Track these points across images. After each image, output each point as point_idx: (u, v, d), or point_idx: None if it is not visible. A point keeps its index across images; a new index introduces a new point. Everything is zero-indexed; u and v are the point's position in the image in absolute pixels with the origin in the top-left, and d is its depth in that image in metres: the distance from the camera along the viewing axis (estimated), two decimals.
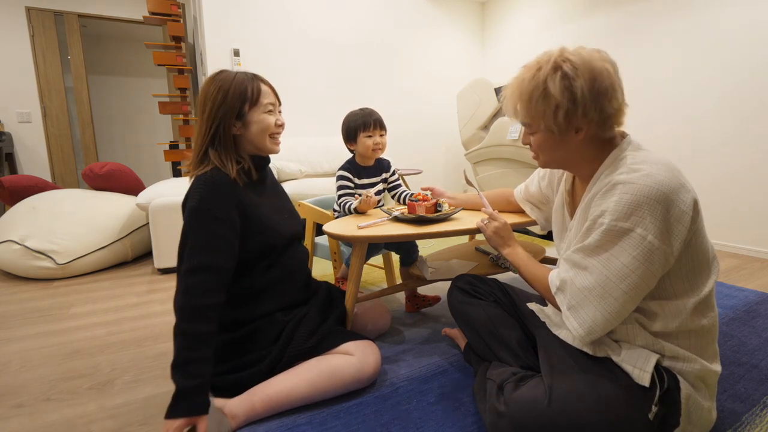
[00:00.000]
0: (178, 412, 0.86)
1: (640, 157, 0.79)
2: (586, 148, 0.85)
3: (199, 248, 0.96)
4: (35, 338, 1.52)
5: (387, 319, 1.43)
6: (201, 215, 0.97)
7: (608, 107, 0.79)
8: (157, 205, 2.18)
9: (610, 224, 0.75)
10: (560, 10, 3.52)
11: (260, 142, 1.10)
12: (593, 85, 0.78)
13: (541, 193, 1.18)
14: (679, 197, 0.73)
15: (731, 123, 2.49)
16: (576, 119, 0.80)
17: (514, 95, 0.86)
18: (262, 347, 1.07)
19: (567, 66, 0.78)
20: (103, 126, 5.27)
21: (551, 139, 0.85)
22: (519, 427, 0.81)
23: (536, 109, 0.82)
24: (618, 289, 0.75)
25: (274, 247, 1.11)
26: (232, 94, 1.04)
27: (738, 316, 1.60)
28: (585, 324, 0.79)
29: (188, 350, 0.90)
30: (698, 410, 0.80)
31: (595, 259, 0.78)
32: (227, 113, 1.04)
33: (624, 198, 0.74)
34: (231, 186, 1.03)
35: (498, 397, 0.89)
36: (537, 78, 0.81)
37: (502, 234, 1.08)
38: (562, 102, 0.78)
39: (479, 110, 3.22)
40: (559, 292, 0.85)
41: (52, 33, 3.89)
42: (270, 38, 3.29)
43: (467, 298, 1.18)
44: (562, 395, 0.80)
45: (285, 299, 1.15)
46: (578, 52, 0.81)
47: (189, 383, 0.88)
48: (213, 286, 0.96)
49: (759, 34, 2.34)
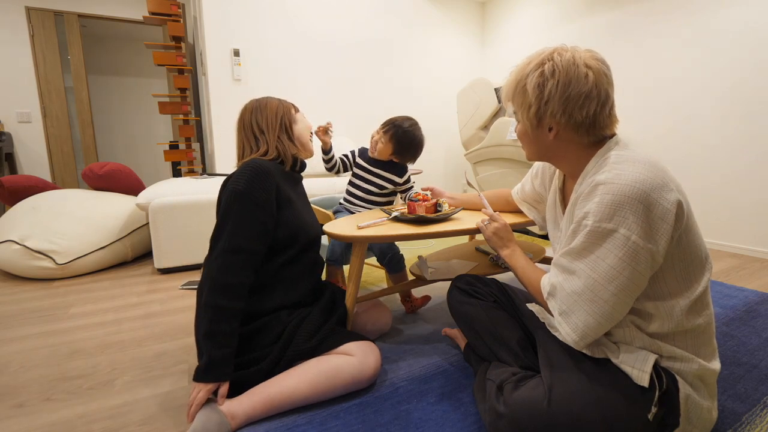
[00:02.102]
0: (208, 378, 0.95)
1: (623, 157, 0.78)
2: (564, 147, 0.86)
3: (240, 230, 1.03)
4: (35, 338, 1.52)
5: (387, 319, 1.43)
6: (244, 199, 1.04)
7: (577, 114, 0.79)
8: (157, 205, 2.18)
9: (593, 226, 0.74)
10: (560, 10, 3.52)
11: (305, 138, 1.26)
12: (565, 89, 0.78)
13: (535, 191, 1.18)
14: (662, 195, 0.72)
15: (731, 123, 2.50)
16: (545, 119, 0.82)
17: (508, 82, 0.88)
18: (263, 346, 1.07)
19: (548, 66, 0.80)
20: (103, 126, 5.27)
21: (528, 133, 0.89)
22: (518, 427, 0.81)
23: (516, 100, 0.86)
24: (607, 292, 0.75)
25: (298, 243, 1.17)
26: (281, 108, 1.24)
27: (738, 316, 1.60)
28: (578, 329, 0.78)
29: (220, 322, 0.98)
30: (697, 410, 0.80)
31: (581, 263, 0.77)
32: (287, 109, 1.24)
33: (605, 198, 0.73)
34: (274, 175, 1.11)
35: (497, 398, 0.89)
36: (524, 71, 0.84)
37: (501, 235, 1.09)
38: (533, 99, 0.81)
39: (479, 110, 3.22)
40: (550, 298, 0.85)
41: (52, 33, 3.89)
42: (270, 38, 3.30)
43: (467, 298, 1.18)
44: (561, 396, 0.80)
45: (294, 296, 1.17)
46: (570, 53, 0.81)
47: (219, 352, 0.96)
48: (248, 266, 1.04)
49: (759, 34, 2.35)
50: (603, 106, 0.80)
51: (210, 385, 0.95)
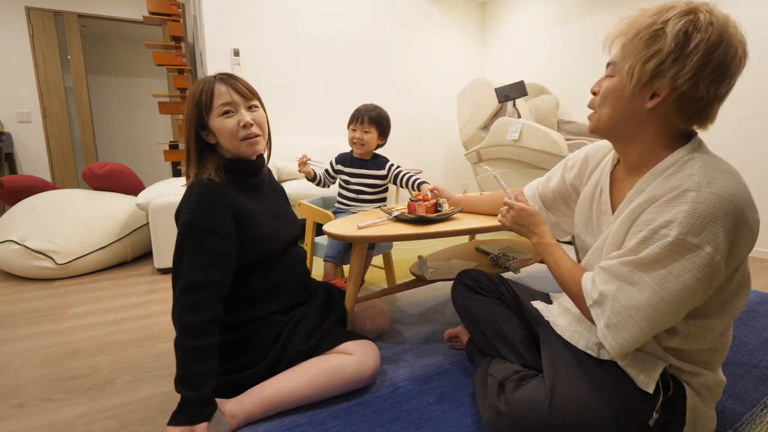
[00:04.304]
0: (181, 421, 0.87)
1: (713, 164, 0.69)
2: (650, 126, 0.74)
3: (197, 265, 0.94)
4: (35, 338, 1.52)
5: (386, 318, 1.43)
6: (195, 230, 0.95)
7: (703, 86, 0.66)
8: (157, 205, 2.18)
9: (677, 237, 0.64)
10: (560, 10, 3.52)
11: (234, 147, 1.04)
12: (711, 51, 0.65)
13: (565, 184, 1.04)
14: (753, 216, 0.66)
15: (731, 122, 2.49)
16: (662, 78, 0.68)
17: (621, 27, 0.73)
18: (261, 347, 1.07)
19: (704, 16, 0.65)
20: (103, 126, 5.27)
21: (621, 92, 0.73)
22: (518, 427, 0.81)
23: (634, 46, 0.70)
24: (671, 310, 0.67)
25: (271, 254, 1.11)
26: (192, 105, 1.01)
27: (738, 316, 1.60)
28: (626, 344, 0.70)
29: (191, 365, 0.90)
30: (703, 418, 0.79)
31: (648, 275, 0.67)
32: (193, 125, 1.02)
33: (699, 208, 0.63)
34: (224, 195, 1.00)
35: (499, 395, 0.89)
36: (661, 14, 0.68)
37: (523, 222, 0.94)
38: (669, 47, 0.66)
39: (479, 110, 3.22)
40: (596, 306, 0.75)
41: (52, 33, 3.89)
42: (270, 38, 3.29)
43: (471, 294, 1.17)
44: (563, 399, 0.79)
45: (283, 301, 1.15)
46: (726, 14, 0.68)
47: (193, 394, 0.88)
48: (212, 301, 0.95)
49: (759, 33, 2.34)
50: (726, 93, 0.69)
51: (181, 429, 0.86)
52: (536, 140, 2.62)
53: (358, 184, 1.72)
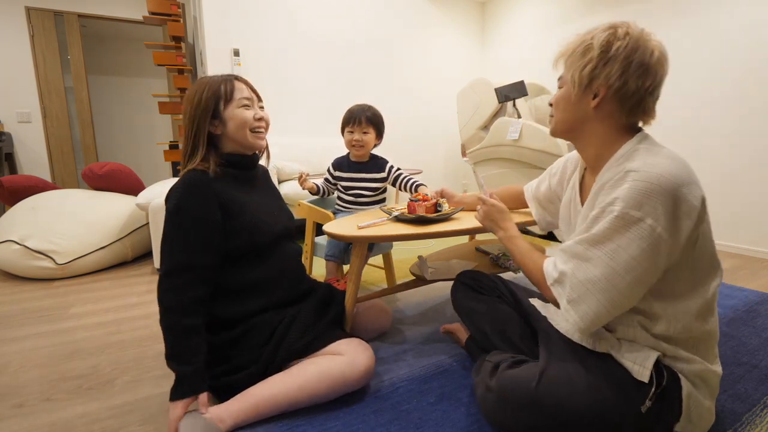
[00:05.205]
0: (182, 393, 0.94)
1: (654, 150, 0.78)
2: (598, 123, 0.84)
3: (179, 249, 0.99)
4: (35, 338, 1.52)
5: (388, 318, 1.43)
6: (180, 217, 1.00)
7: (632, 82, 0.77)
8: (156, 205, 2.18)
9: (621, 212, 0.72)
10: (560, 10, 3.52)
11: (241, 137, 1.10)
12: (631, 53, 0.77)
13: (551, 190, 1.14)
14: (690, 191, 0.72)
15: (731, 123, 2.49)
16: (598, 80, 0.79)
17: (563, 49, 0.86)
18: (253, 349, 1.05)
19: (621, 29, 0.79)
20: (103, 126, 5.27)
21: (568, 98, 0.85)
22: (504, 402, 0.84)
23: (573, 59, 0.83)
24: (623, 282, 0.73)
25: (260, 245, 1.12)
26: (206, 95, 1.07)
27: (738, 316, 1.60)
28: (587, 317, 0.77)
29: (179, 342, 0.96)
30: (699, 409, 0.80)
31: (600, 250, 0.75)
32: (204, 113, 1.07)
33: (637, 185, 0.72)
34: (211, 185, 1.04)
35: (491, 375, 0.92)
36: (589, 33, 0.82)
37: (492, 217, 1.04)
38: (595, 55, 0.79)
39: (479, 110, 3.22)
40: (556, 284, 0.82)
41: (52, 33, 3.89)
42: (270, 38, 3.29)
43: (471, 293, 1.19)
44: (551, 379, 0.81)
45: (274, 297, 1.13)
46: (641, 28, 0.80)
47: (186, 369, 0.94)
48: (195, 282, 1.00)
49: (759, 33, 2.34)
50: (655, 88, 0.80)
51: (186, 400, 0.93)
52: (536, 140, 2.62)
53: (358, 188, 1.71)
